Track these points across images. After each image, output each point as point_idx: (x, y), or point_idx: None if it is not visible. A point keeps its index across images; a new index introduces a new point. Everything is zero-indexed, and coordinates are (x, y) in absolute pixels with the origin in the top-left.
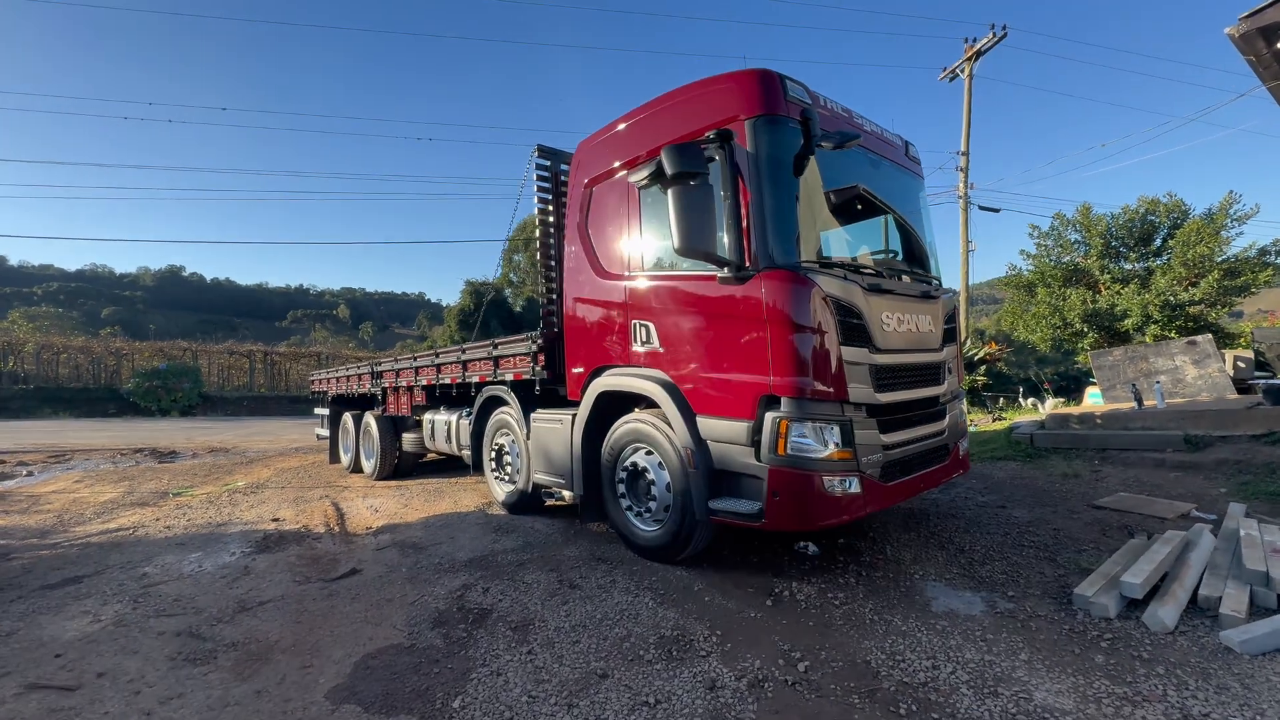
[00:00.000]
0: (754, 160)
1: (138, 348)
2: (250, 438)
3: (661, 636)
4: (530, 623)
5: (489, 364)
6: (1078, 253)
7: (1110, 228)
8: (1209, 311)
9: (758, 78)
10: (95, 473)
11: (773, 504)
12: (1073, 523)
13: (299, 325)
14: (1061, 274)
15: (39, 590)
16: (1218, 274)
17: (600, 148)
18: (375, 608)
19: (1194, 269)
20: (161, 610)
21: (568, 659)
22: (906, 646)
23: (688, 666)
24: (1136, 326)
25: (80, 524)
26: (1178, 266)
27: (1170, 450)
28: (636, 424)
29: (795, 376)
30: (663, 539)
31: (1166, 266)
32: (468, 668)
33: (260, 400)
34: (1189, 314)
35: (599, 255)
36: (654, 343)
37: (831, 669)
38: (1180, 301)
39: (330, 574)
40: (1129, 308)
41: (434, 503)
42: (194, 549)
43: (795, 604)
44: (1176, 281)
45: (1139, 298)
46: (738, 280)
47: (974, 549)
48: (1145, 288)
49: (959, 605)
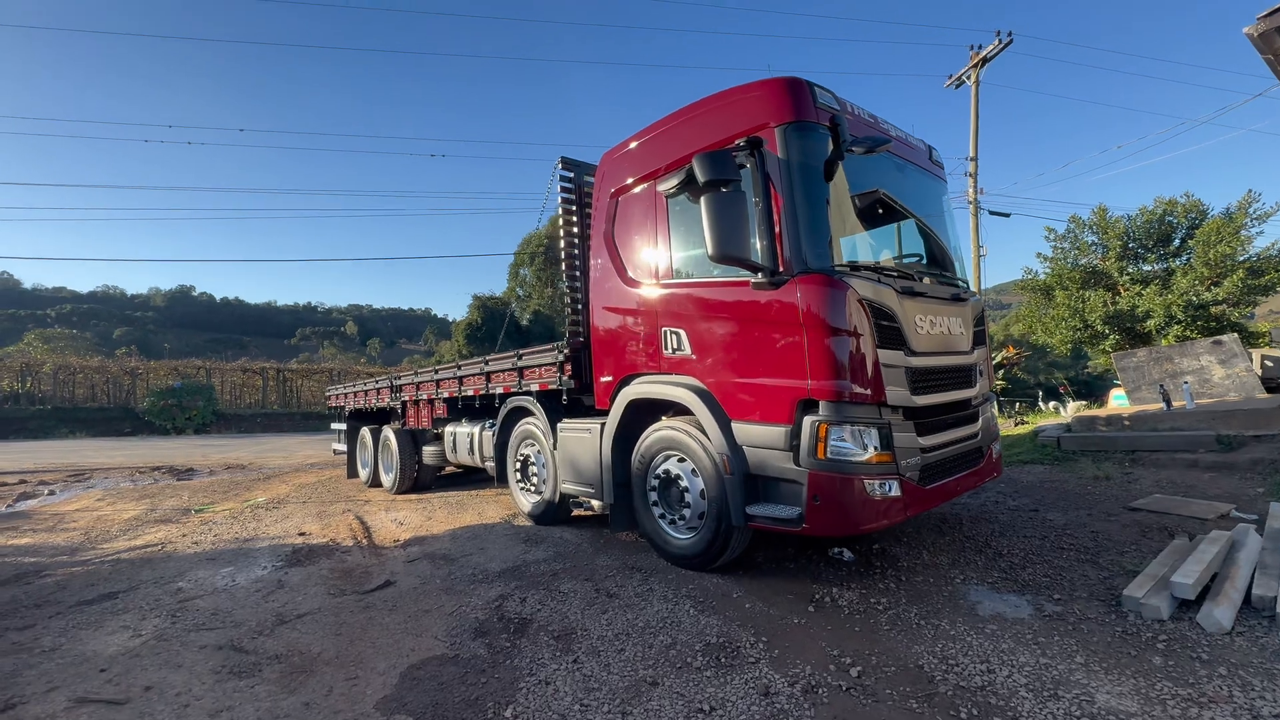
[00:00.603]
0: (785, 166)
1: (152, 367)
2: (265, 454)
3: (707, 644)
4: (572, 632)
5: (514, 375)
6: (1095, 254)
7: (1129, 229)
8: (1231, 311)
9: (787, 85)
10: (116, 491)
11: (813, 508)
12: (1110, 525)
13: (307, 343)
14: (1079, 276)
15: (76, 606)
16: (1241, 273)
17: (625, 159)
18: (414, 619)
19: (1216, 268)
20: (200, 624)
21: (615, 667)
22: (958, 650)
23: (738, 673)
24: (1159, 327)
25: (107, 541)
26: (1199, 266)
27: (1202, 451)
28: (668, 431)
29: (833, 380)
30: (698, 546)
31: (1187, 267)
32: (515, 677)
33: (273, 417)
34: (1211, 314)
35: (626, 264)
36: (685, 349)
37: (884, 674)
38: (1203, 301)
39: (364, 586)
40: (1151, 308)
41: (458, 515)
42: (225, 564)
43: (838, 609)
44: (1198, 281)
45: (1161, 298)
46: (772, 285)
47: (1013, 553)
48: (1166, 288)
49: (1005, 609)
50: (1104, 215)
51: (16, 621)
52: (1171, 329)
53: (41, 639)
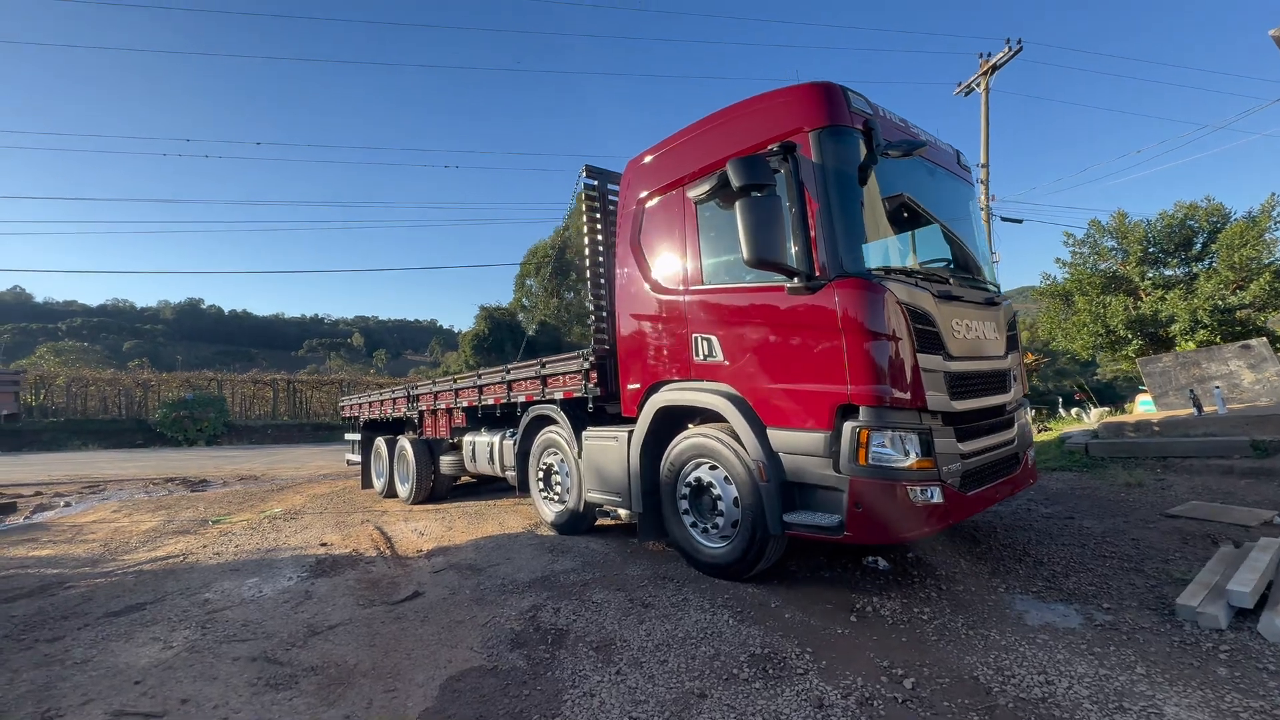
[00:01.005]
0: (821, 171)
1: (164, 379)
2: (277, 465)
3: (752, 655)
4: (611, 643)
5: (536, 383)
6: (1115, 259)
7: (1149, 233)
8: (1257, 316)
9: (821, 90)
10: (131, 502)
11: (855, 515)
12: (1150, 532)
13: (314, 354)
14: (1100, 281)
15: (104, 618)
16: (1269, 276)
17: (652, 165)
18: (447, 630)
19: (1241, 272)
20: (231, 636)
21: (660, 679)
22: (1012, 661)
23: (788, 685)
24: (1184, 332)
25: (128, 552)
26: (1224, 270)
27: (1237, 457)
28: (699, 438)
29: (874, 385)
30: (731, 555)
31: (1211, 271)
32: (558, 689)
33: (283, 428)
34: (1236, 318)
35: (654, 271)
36: (717, 356)
37: (939, 685)
38: (1229, 305)
39: (392, 597)
40: (1176, 313)
41: (478, 525)
42: (249, 574)
43: (881, 619)
44: (1223, 285)
45: (1185, 303)
46: (809, 290)
47: (1053, 561)
48: (1191, 293)
49: (1054, 618)
50: (1123, 220)
51: (46, 633)
52: (1197, 333)
53: (72, 650)
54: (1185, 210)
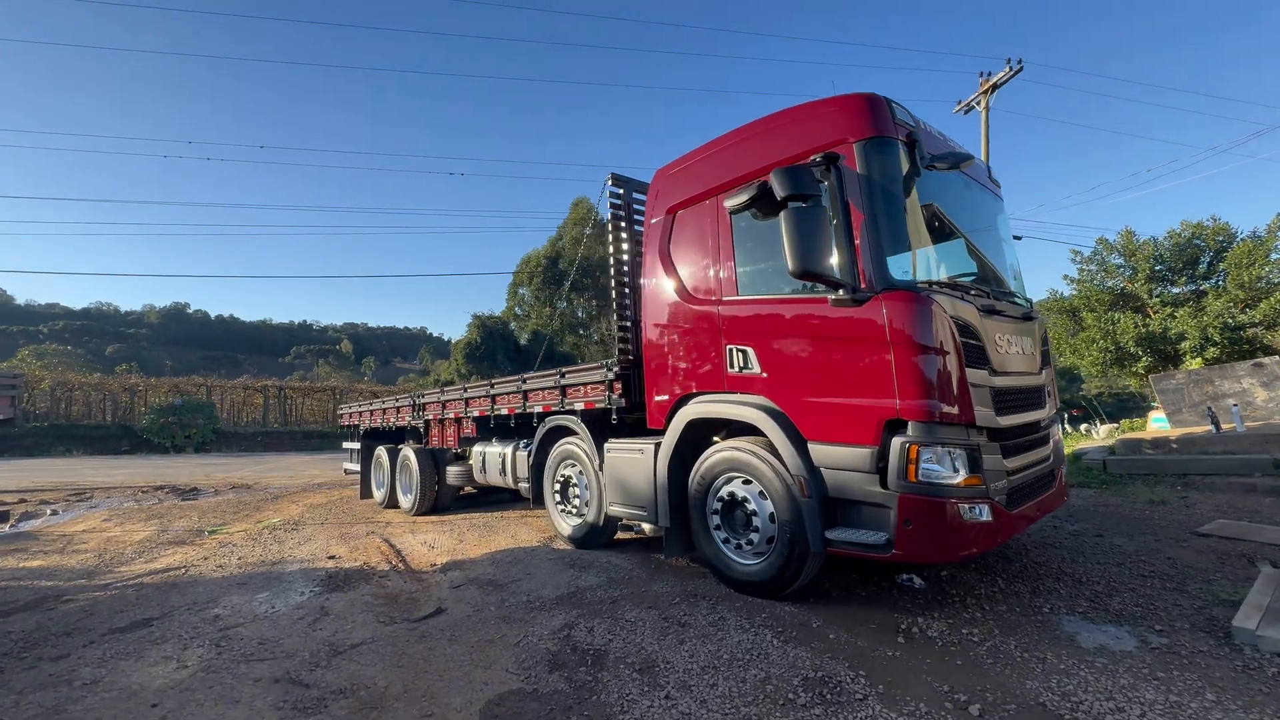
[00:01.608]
0: (867, 183)
1: (152, 384)
2: (269, 473)
3: (805, 679)
4: (654, 664)
5: (555, 393)
6: (1122, 276)
7: (1157, 252)
8: (1265, 334)
9: (866, 100)
10: (121, 511)
11: (904, 533)
12: (1184, 551)
13: (302, 361)
14: (1108, 298)
15: (109, 634)
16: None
17: (683, 175)
18: (477, 650)
19: (1250, 291)
20: (248, 655)
21: (713, 704)
22: (1076, 686)
23: (849, 711)
24: (1194, 349)
25: (123, 564)
26: (1233, 289)
27: (1259, 475)
28: (732, 452)
29: (924, 399)
30: (767, 572)
31: (1220, 289)
32: (607, 714)
33: (274, 436)
34: (1244, 336)
35: (685, 281)
36: (753, 368)
37: (1006, 712)
38: (1239, 323)
39: (414, 614)
40: (1186, 330)
41: (490, 538)
42: (257, 589)
43: (929, 641)
44: (1233, 303)
45: (1195, 320)
46: (855, 302)
47: (1094, 580)
48: (1200, 310)
49: (1108, 640)
50: (1131, 238)
51: (49, 650)
52: (1206, 350)
53: (79, 670)
54: (1193, 229)
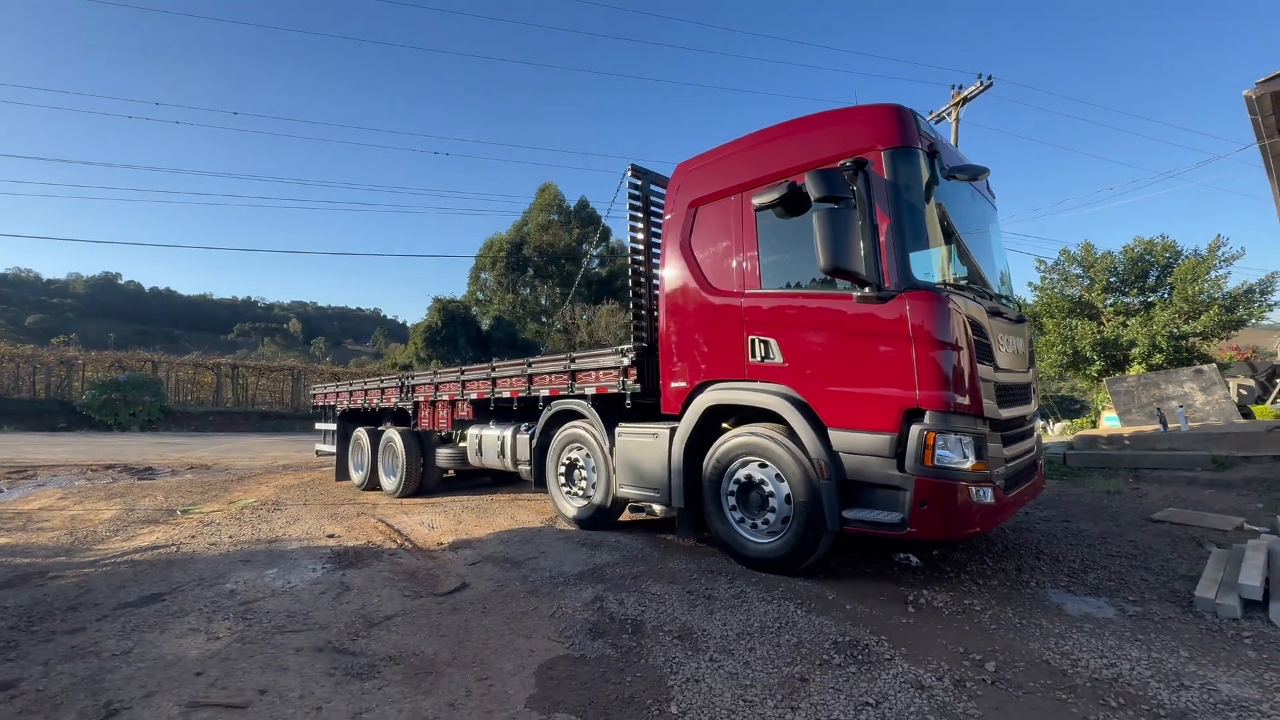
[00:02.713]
0: (893, 188)
1: (93, 358)
2: (228, 454)
3: (835, 642)
4: (691, 632)
5: (564, 378)
6: (1081, 286)
7: (1115, 264)
8: (1202, 343)
9: (895, 112)
10: (76, 489)
11: (919, 513)
12: (1142, 535)
13: (246, 339)
14: (1067, 305)
15: (120, 609)
16: (1217, 309)
17: (707, 170)
18: (514, 620)
19: (1193, 304)
20: (281, 626)
21: (756, 665)
22: (1072, 647)
23: (881, 669)
24: (1143, 355)
25: (101, 542)
26: (1179, 301)
27: (1199, 469)
28: (749, 437)
29: (942, 390)
30: (781, 550)
31: (1166, 301)
32: (659, 676)
33: (227, 416)
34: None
35: (705, 273)
36: (775, 358)
37: (1017, 668)
38: (1183, 333)
39: (438, 589)
40: (1136, 337)
41: (488, 519)
42: (263, 565)
43: (936, 610)
44: (1178, 315)
45: (1145, 329)
46: (879, 299)
47: (1069, 559)
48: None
49: (1090, 609)
50: (1090, 251)
51: (60, 624)
52: (1153, 357)
53: (103, 642)
54: (1145, 245)
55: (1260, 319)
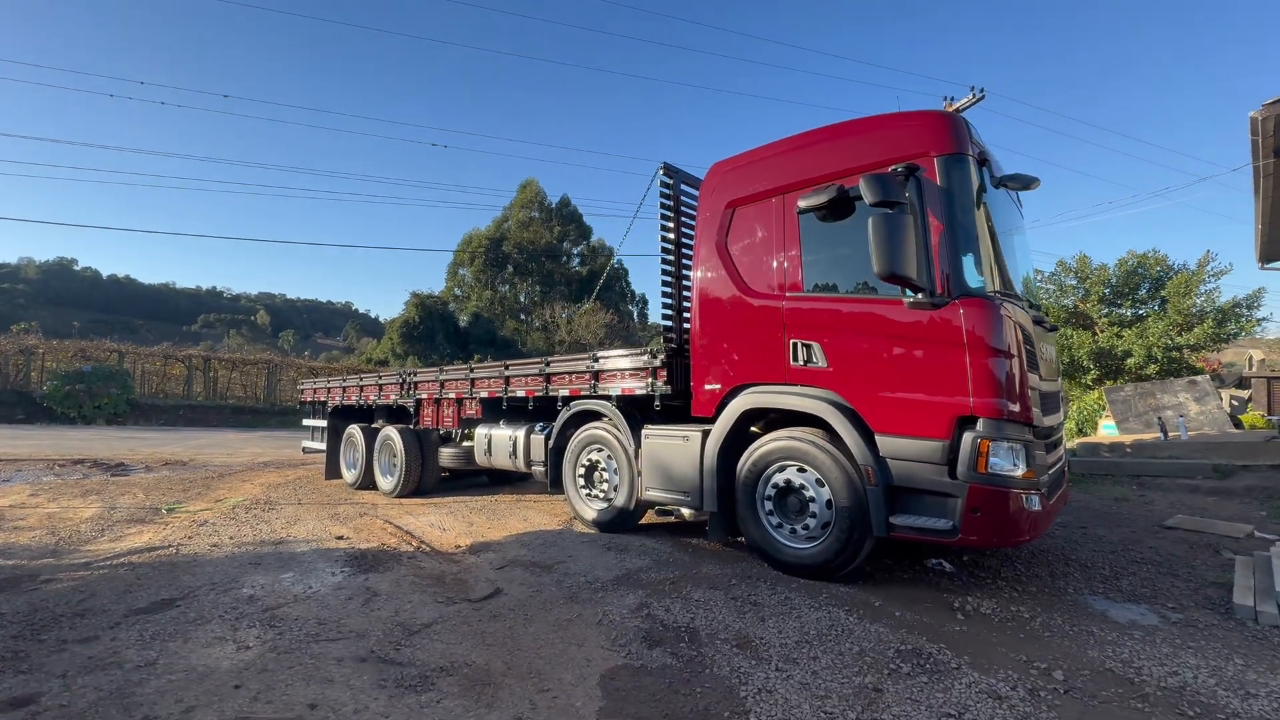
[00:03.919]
0: (947, 195)
1: (54, 347)
2: (204, 450)
3: (898, 650)
4: (749, 640)
5: (586, 378)
6: (1076, 296)
7: (1110, 277)
8: (1191, 355)
9: (948, 119)
10: (47, 485)
11: (971, 520)
12: (1160, 541)
13: (211, 330)
14: (1063, 315)
15: (131, 615)
16: (1210, 322)
17: (746, 171)
18: (560, 628)
19: (1186, 316)
20: (314, 635)
21: (824, 674)
22: (1130, 654)
23: (952, 679)
24: (1138, 366)
25: (88, 543)
26: (1173, 314)
27: (1200, 477)
28: (789, 441)
29: (996, 398)
30: (821, 555)
31: (1160, 313)
32: (729, 686)
33: (198, 410)
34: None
35: (743, 274)
36: (818, 362)
37: (1084, 677)
38: (1177, 345)
39: (471, 595)
40: (1132, 348)
41: (500, 521)
42: (277, 569)
43: (985, 617)
44: (1171, 326)
45: (1142, 340)
46: (933, 305)
47: (1097, 566)
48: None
49: (1134, 616)
50: (1086, 262)
51: (69, 633)
52: (1148, 367)
53: (122, 652)
54: (1138, 259)
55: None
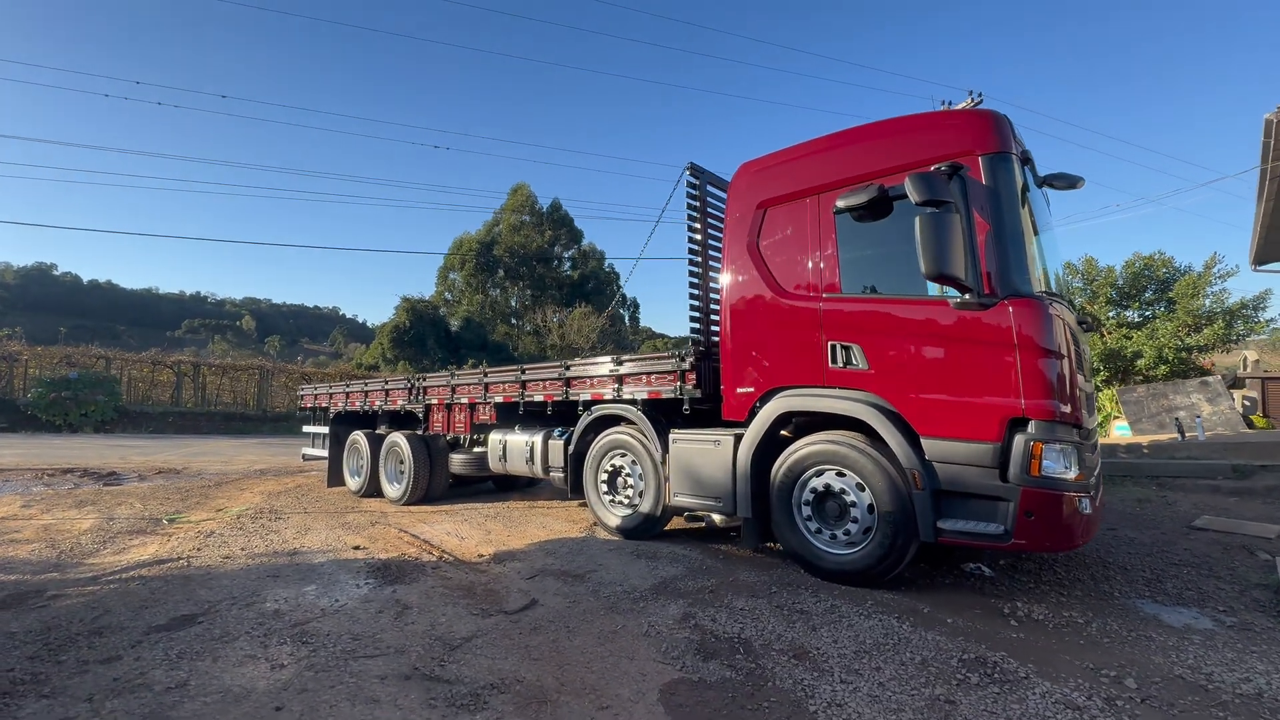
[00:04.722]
0: (993, 194)
1: (39, 353)
2: (197, 458)
3: (961, 660)
4: (805, 651)
5: (610, 381)
6: (1084, 298)
7: (1117, 278)
8: (1199, 356)
9: (993, 118)
10: (38, 496)
11: (1024, 524)
12: (1193, 543)
13: (195, 336)
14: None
15: (153, 632)
16: (1220, 323)
17: (776, 171)
18: (606, 641)
19: (1196, 317)
20: (351, 651)
21: (892, 686)
22: (1195, 660)
23: (1025, 689)
24: (1149, 367)
25: (91, 556)
26: (1182, 315)
27: (1220, 478)
28: (827, 445)
29: (1048, 399)
30: (863, 561)
31: (1169, 315)
32: (795, 700)
33: (188, 417)
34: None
35: (777, 276)
36: (858, 364)
37: (1155, 684)
38: (1187, 346)
39: (506, 607)
40: (1142, 349)
41: (519, 529)
42: (297, 581)
43: (1039, 623)
44: (1181, 328)
45: (1152, 341)
46: (981, 306)
47: (1136, 568)
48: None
49: (1188, 620)
50: (1093, 265)
51: (89, 653)
52: (1159, 368)
53: (149, 673)
54: (1144, 261)
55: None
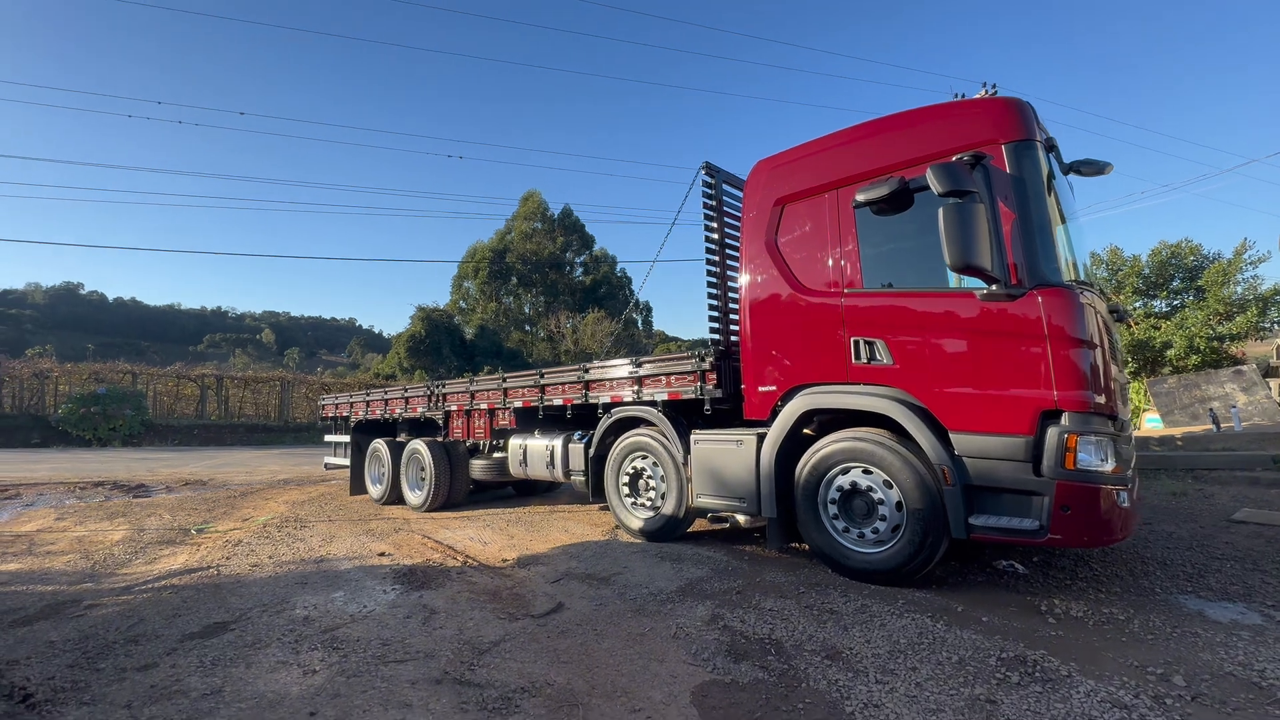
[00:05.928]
0: (1019, 182)
1: (69, 370)
2: (221, 469)
3: (1000, 658)
4: (838, 651)
5: (629, 383)
6: (1109, 288)
7: (1143, 268)
8: (1230, 345)
9: (1016, 105)
10: (71, 509)
11: (1060, 519)
12: (1234, 536)
13: (216, 350)
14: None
15: (187, 640)
16: (1254, 311)
17: (792, 167)
18: (634, 643)
19: (1227, 305)
20: (381, 656)
21: (930, 687)
22: (1246, 656)
23: (1069, 688)
24: (1179, 357)
25: (124, 566)
26: (1213, 303)
27: (1259, 469)
28: (853, 442)
29: (1081, 390)
30: (893, 560)
31: (1200, 303)
32: (831, 701)
33: (212, 429)
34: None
35: (796, 273)
36: (882, 359)
37: (1205, 682)
38: (1219, 335)
39: (532, 611)
40: (1173, 339)
41: (541, 533)
42: (325, 588)
43: (1079, 621)
44: (1212, 316)
45: (1182, 331)
46: (1009, 297)
47: (1176, 563)
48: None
49: (1234, 615)
50: (1118, 254)
51: (126, 660)
52: (1190, 358)
53: (185, 680)
54: (1171, 249)
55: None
